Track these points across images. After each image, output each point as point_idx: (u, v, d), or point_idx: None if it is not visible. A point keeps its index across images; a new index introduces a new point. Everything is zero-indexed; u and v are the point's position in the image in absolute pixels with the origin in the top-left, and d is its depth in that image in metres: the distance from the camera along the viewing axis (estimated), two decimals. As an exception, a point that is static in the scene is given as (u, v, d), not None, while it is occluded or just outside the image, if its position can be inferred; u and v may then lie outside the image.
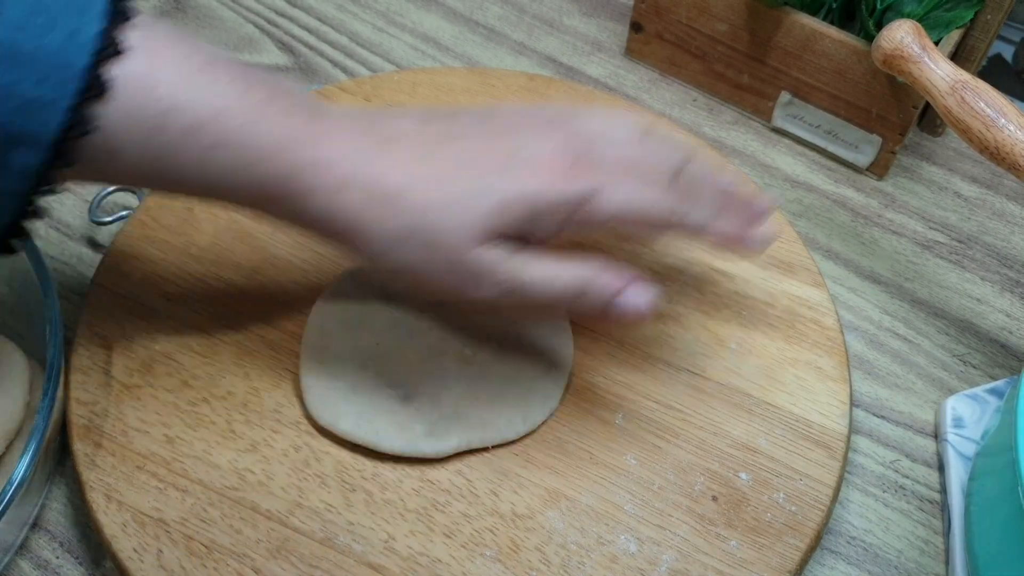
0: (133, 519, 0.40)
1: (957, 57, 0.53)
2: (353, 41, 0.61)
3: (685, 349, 0.46)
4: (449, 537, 0.41)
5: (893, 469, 0.46)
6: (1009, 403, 0.40)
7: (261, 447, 0.42)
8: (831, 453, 0.43)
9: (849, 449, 0.44)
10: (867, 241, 0.53)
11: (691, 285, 0.48)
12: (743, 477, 0.43)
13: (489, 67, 0.59)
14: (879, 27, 0.49)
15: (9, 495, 0.37)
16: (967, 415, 0.45)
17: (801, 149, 0.57)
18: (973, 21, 0.52)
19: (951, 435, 0.45)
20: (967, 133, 0.43)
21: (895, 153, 0.54)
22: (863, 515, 0.44)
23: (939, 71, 0.44)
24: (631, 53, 0.61)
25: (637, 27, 0.59)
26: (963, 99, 0.43)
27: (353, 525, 0.41)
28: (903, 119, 0.52)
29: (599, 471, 0.43)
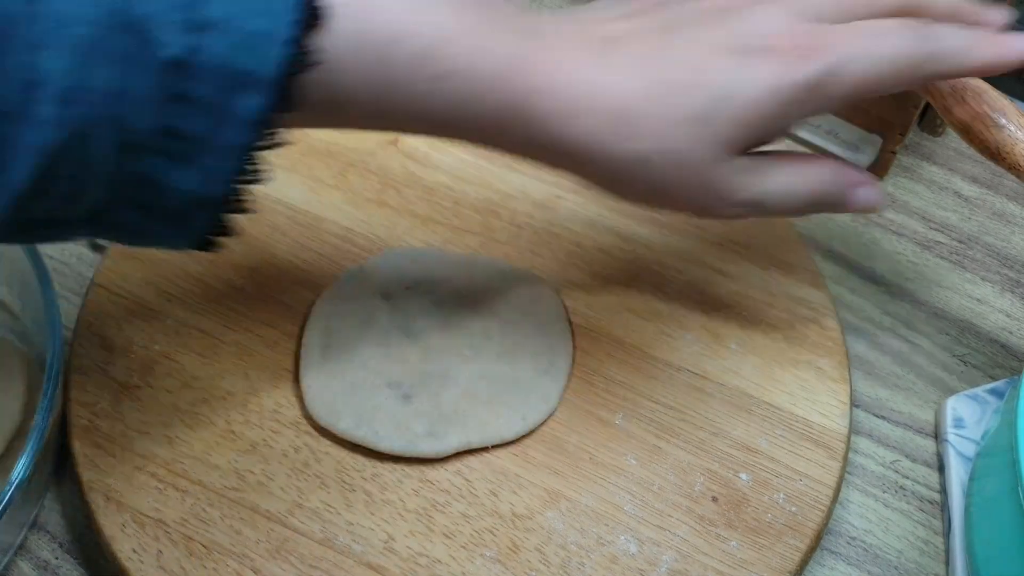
0: (132, 519, 0.40)
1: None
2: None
3: (685, 349, 0.46)
4: (449, 537, 0.41)
5: (893, 469, 0.46)
6: (1009, 403, 0.40)
7: (261, 447, 0.42)
8: (831, 453, 0.43)
9: (849, 449, 0.44)
10: (867, 241, 0.53)
11: (691, 285, 0.48)
12: (743, 477, 0.43)
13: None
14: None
15: (8, 495, 0.37)
16: (967, 415, 0.45)
17: (801, 149, 0.57)
18: (973, 21, 0.52)
19: (951, 435, 0.45)
20: (967, 133, 0.43)
21: (895, 153, 0.54)
22: (863, 515, 0.44)
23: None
24: (631, 53, 0.61)
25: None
26: (963, 99, 0.43)
27: (353, 525, 0.41)
28: (903, 119, 0.52)
29: (599, 471, 0.42)
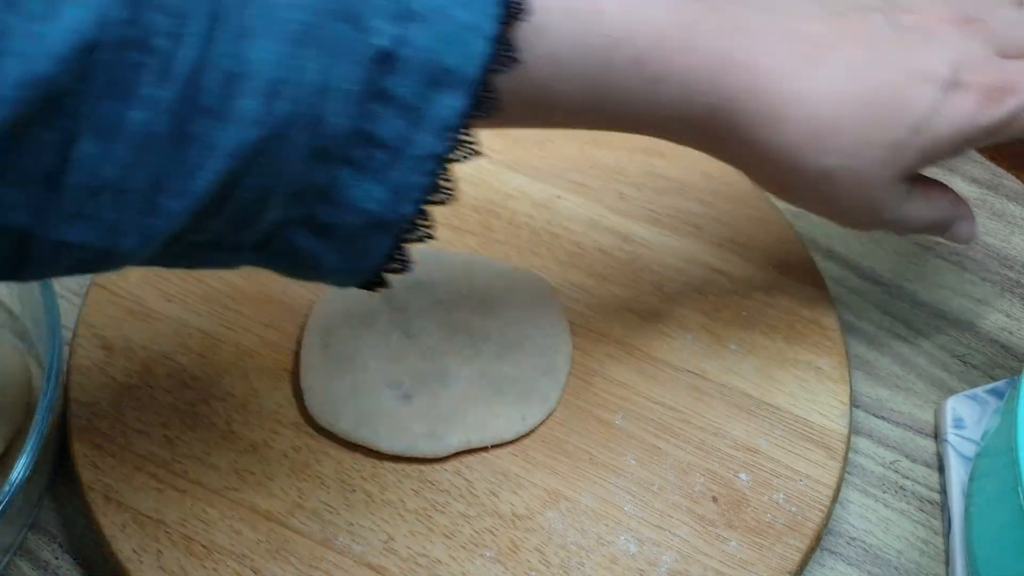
0: (132, 520, 0.40)
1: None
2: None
3: (685, 349, 0.46)
4: (449, 538, 0.41)
5: (893, 470, 0.46)
6: (1009, 404, 0.40)
7: (260, 448, 0.42)
8: (831, 454, 0.43)
9: (849, 450, 0.44)
10: (867, 241, 0.53)
11: (691, 285, 0.48)
12: (743, 478, 0.43)
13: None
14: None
15: (8, 496, 0.37)
16: (967, 416, 0.45)
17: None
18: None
19: (951, 436, 0.45)
20: None
21: (895, 153, 0.54)
22: (863, 516, 0.44)
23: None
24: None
25: None
26: None
27: (352, 526, 0.41)
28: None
29: (599, 472, 0.42)
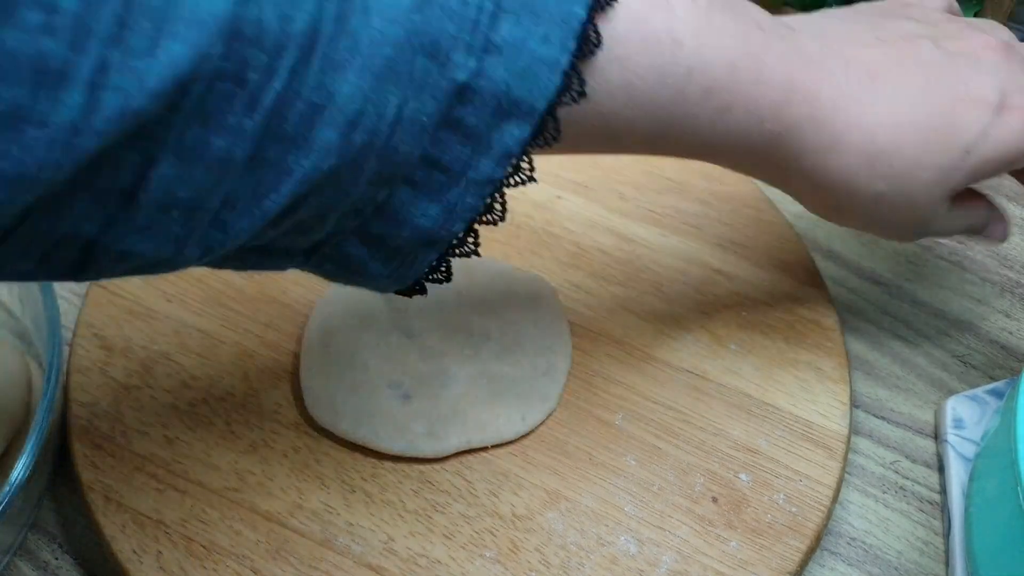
0: (132, 520, 0.40)
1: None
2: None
3: (685, 349, 0.46)
4: (449, 538, 0.41)
5: (893, 470, 0.46)
6: (1009, 404, 0.40)
7: (260, 448, 0.42)
8: (831, 454, 0.43)
9: (849, 450, 0.44)
10: (867, 242, 0.53)
11: (691, 285, 0.48)
12: (743, 478, 0.43)
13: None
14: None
15: (8, 496, 0.37)
16: (967, 416, 0.45)
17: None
18: (973, 21, 0.52)
19: (951, 436, 0.45)
20: None
21: (895, 153, 0.54)
22: (863, 516, 0.44)
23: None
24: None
25: None
26: None
27: (352, 526, 0.41)
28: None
29: (599, 472, 0.42)
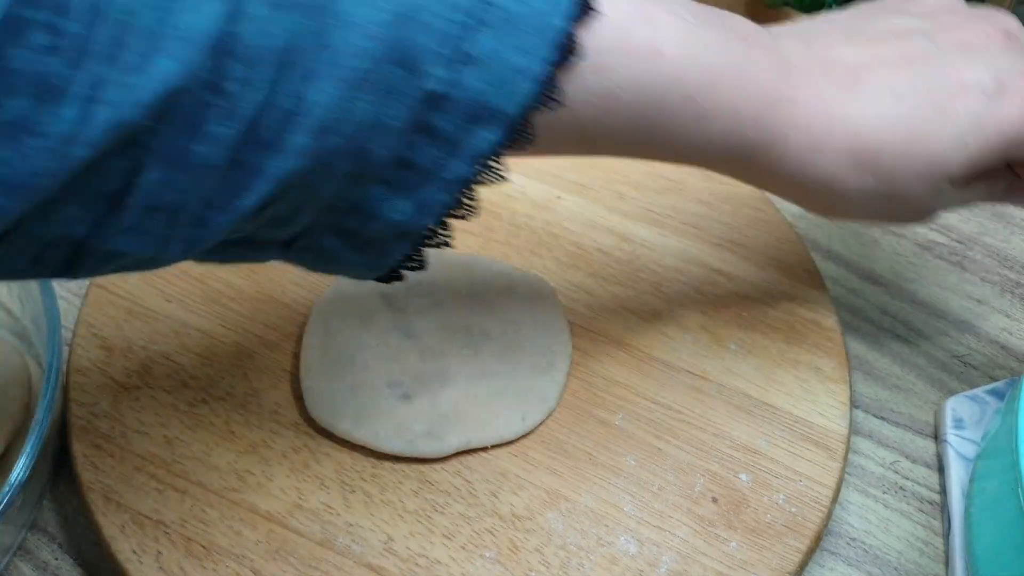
0: (132, 520, 0.40)
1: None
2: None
3: (685, 350, 0.46)
4: (448, 538, 0.40)
5: (893, 470, 0.46)
6: (1010, 404, 0.40)
7: (260, 448, 0.42)
8: (831, 454, 0.43)
9: (849, 450, 0.44)
10: (867, 242, 0.53)
11: (691, 286, 0.48)
12: (743, 478, 0.42)
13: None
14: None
15: (8, 496, 0.37)
16: (967, 416, 0.45)
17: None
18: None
19: (951, 436, 0.45)
20: None
21: (895, 154, 0.54)
22: (863, 516, 0.44)
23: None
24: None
25: None
26: None
27: (352, 526, 0.41)
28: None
29: (599, 472, 0.42)
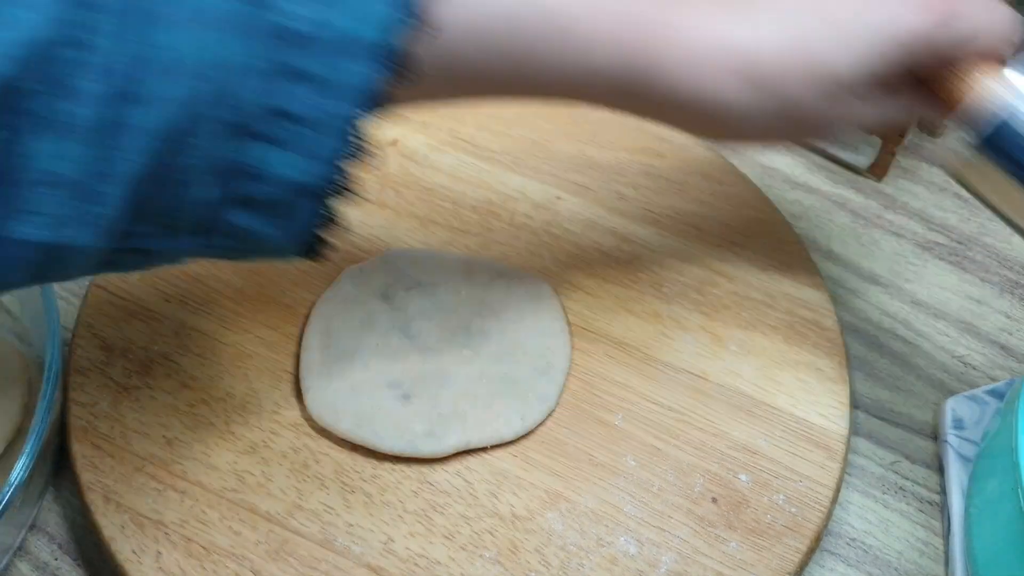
0: (132, 520, 0.40)
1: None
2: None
3: (685, 350, 0.46)
4: (448, 539, 0.40)
5: (893, 471, 0.46)
6: (1010, 405, 0.40)
7: (260, 448, 0.42)
8: (831, 454, 0.43)
9: (849, 450, 0.44)
10: (867, 242, 0.53)
11: (691, 286, 0.48)
12: (743, 479, 0.42)
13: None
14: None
15: (8, 496, 0.37)
16: (967, 416, 0.45)
17: (800, 150, 0.57)
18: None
19: (951, 436, 0.45)
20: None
21: (895, 154, 0.54)
22: (863, 517, 0.44)
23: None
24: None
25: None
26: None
27: (352, 527, 0.41)
28: (903, 120, 0.52)
29: (598, 472, 0.42)
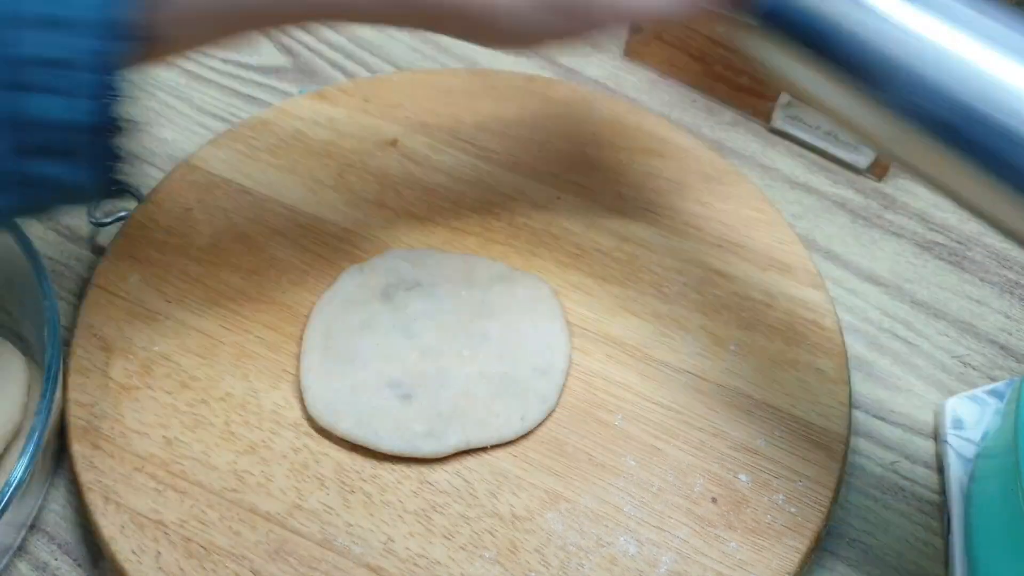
0: (131, 520, 0.40)
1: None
2: (352, 42, 0.61)
3: (685, 350, 0.46)
4: (448, 539, 0.40)
5: (893, 471, 0.46)
6: (1010, 405, 0.40)
7: (260, 448, 0.42)
8: (831, 454, 0.43)
9: (849, 450, 0.44)
10: (866, 242, 0.53)
11: (690, 286, 0.48)
12: (743, 478, 0.42)
13: (489, 68, 0.59)
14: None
15: (7, 497, 0.37)
16: (967, 417, 0.45)
17: (800, 150, 0.57)
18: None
19: (951, 437, 0.45)
20: None
21: (894, 154, 0.54)
22: (863, 517, 0.44)
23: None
24: (630, 54, 0.61)
25: (636, 28, 0.59)
26: None
27: (352, 527, 0.41)
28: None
29: (598, 472, 0.42)
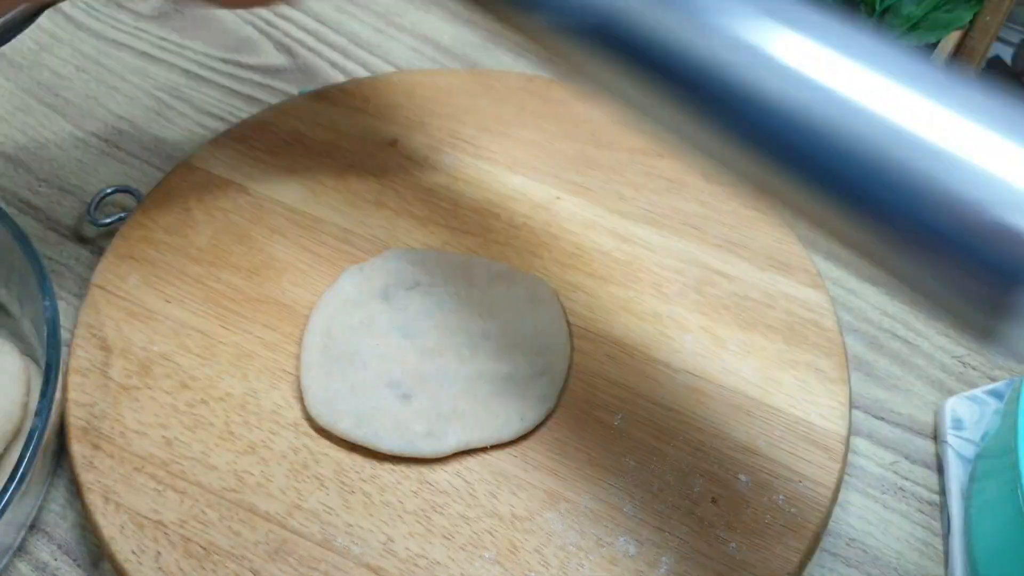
0: (131, 521, 0.40)
1: (956, 58, 0.53)
2: (352, 42, 0.61)
3: (684, 350, 0.46)
4: (448, 539, 0.40)
5: (892, 471, 0.46)
6: (1010, 405, 0.40)
7: (260, 449, 0.42)
8: (831, 455, 0.43)
9: (848, 451, 0.44)
10: (866, 242, 0.53)
11: (690, 286, 0.48)
12: (742, 479, 0.42)
13: (488, 68, 0.59)
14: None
15: (7, 497, 0.37)
16: (967, 417, 0.45)
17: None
18: (972, 22, 0.52)
19: (950, 437, 0.45)
20: None
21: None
22: (862, 517, 0.44)
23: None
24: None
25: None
26: None
27: (352, 527, 0.41)
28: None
29: (598, 473, 0.42)
